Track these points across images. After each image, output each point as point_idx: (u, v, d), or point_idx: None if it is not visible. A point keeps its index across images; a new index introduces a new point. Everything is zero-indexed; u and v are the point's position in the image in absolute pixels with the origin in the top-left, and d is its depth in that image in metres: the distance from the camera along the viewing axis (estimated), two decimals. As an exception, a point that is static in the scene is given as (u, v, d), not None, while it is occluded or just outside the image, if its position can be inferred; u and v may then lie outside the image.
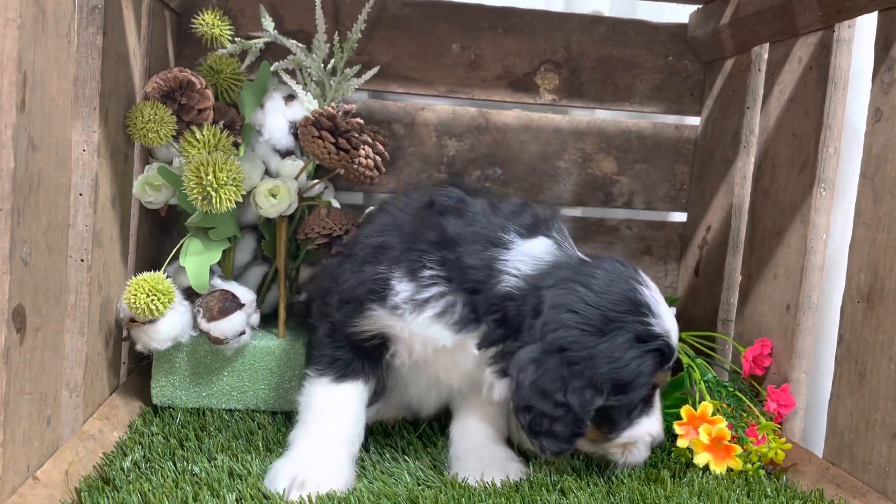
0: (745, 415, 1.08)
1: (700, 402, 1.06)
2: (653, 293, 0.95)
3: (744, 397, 1.11)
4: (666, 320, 0.94)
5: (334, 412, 0.98)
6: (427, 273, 0.94)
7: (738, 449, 1.01)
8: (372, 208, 1.31)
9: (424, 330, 0.95)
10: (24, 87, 0.72)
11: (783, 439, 1.05)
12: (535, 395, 0.90)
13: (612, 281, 0.93)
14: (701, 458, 1.01)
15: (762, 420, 1.06)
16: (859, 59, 1.10)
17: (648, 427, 0.97)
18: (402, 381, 1.08)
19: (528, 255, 0.95)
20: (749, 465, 1.01)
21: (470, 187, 1.15)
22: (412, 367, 1.03)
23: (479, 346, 0.95)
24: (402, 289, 0.95)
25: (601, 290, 0.91)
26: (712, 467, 1.00)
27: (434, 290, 0.94)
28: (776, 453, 1.03)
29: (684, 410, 1.04)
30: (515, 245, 0.95)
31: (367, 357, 1.01)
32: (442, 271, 0.95)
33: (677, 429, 1.04)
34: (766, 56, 1.27)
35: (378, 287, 0.96)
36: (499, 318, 0.94)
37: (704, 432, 1.01)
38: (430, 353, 0.98)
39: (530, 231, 0.97)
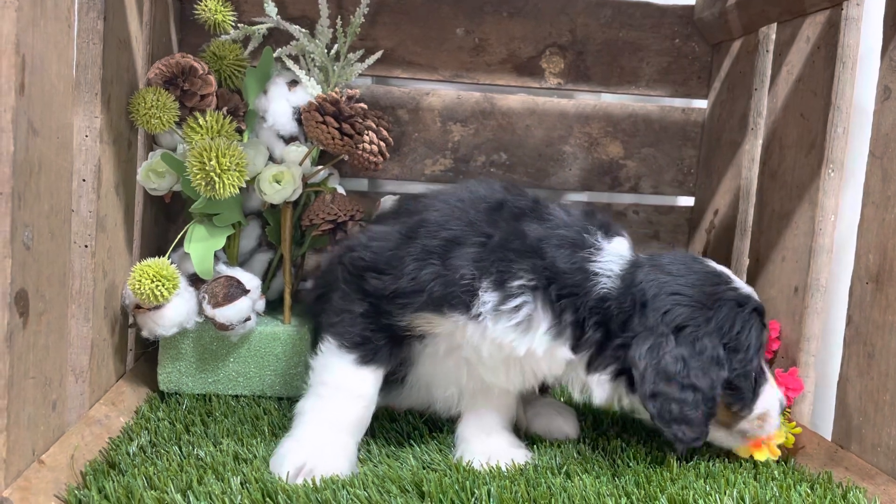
0: None
1: None
2: (718, 265, 0.98)
3: None
4: (744, 283, 0.97)
5: (351, 396, 0.95)
6: (516, 283, 0.91)
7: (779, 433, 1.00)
8: (388, 197, 1.30)
9: (505, 337, 0.91)
10: (23, 71, 0.72)
11: (793, 423, 1.04)
12: (659, 380, 0.89)
13: (685, 263, 0.96)
14: (760, 455, 1.00)
15: None
16: (868, 37, 1.08)
17: (773, 392, 0.97)
18: (423, 378, 1.04)
19: (615, 254, 0.95)
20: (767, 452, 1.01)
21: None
22: (440, 364, 1.00)
23: (576, 350, 0.93)
24: (489, 298, 0.90)
25: (686, 273, 0.94)
26: (756, 457, 0.99)
27: (522, 300, 0.91)
28: (786, 437, 1.02)
29: None
30: (603, 246, 0.95)
31: (398, 345, 0.97)
32: (531, 280, 0.91)
33: (742, 453, 1.02)
34: (773, 36, 1.26)
35: (462, 293, 0.90)
36: (598, 319, 0.92)
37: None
38: (497, 359, 0.94)
39: (607, 231, 0.97)
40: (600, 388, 0.95)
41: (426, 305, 0.92)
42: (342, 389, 0.95)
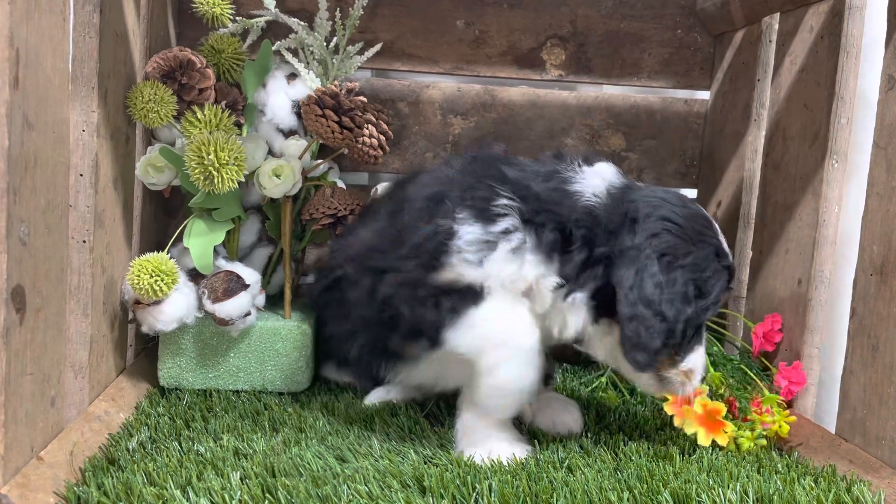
0: (750, 388, 1.07)
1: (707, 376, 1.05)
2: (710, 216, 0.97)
3: (748, 370, 1.10)
4: (725, 243, 0.96)
5: None
6: (501, 202, 0.91)
7: (731, 426, 1.00)
8: (382, 185, 1.30)
9: (503, 270, 0.91)
10: (17, 65, 0.71)
11: (786, 412, 1.03)
12: (640, 304, 0.88)
13: (686, 201, 0.95)
14: (689, 428, 1.00)
15: (766, 393, 1.05)
16: (872, 26, 1.07)
17: (703, 356, 0.97)
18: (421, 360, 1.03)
19: (598, 176, 0.95)
20: (748, 436, 1.00)
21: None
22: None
23: (562, 274, 0.92)
24: (471, 229, 0.90)
25: (680, 205, 0.94)
26: (700, 440, 0.99)
27: (508, 222, 0.90)
28: (780, 426, 1.01)
29: None
30: (582, 171, 0.95)
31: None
32: (512, 201, 0.91)
33: (668, 409, 1.02)
34: (776, 26, 1.25)
35: (445, 238, 0.91)
36: (584, 234, 0.91)
37: (699, 403, 1.00)
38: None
39: (587, 160, 0.97)
40: (576, 314, 0.93)
41: (425, 267, 0.91)
42: None
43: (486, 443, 0.97)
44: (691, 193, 1.50)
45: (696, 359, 0.96)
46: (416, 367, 1.06)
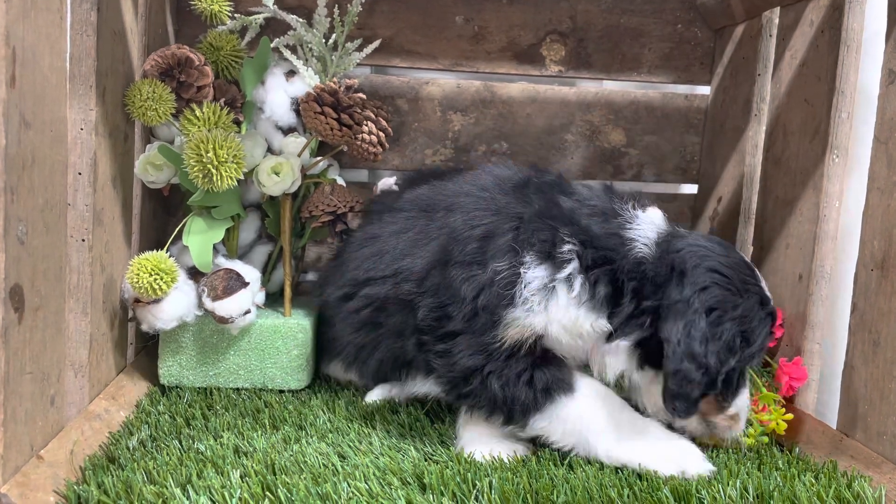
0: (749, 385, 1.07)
1: None
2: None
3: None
4: (767, 288, 0.96)
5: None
6: (565, 248, 0.92)
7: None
8: (386, 180, 1.29)
9: (568, 315, 0.92)
10: (14, 63, 0.71)
11: (783, 410, 1.03)
12: (686, 359, 0.88)
13: (724, 245, 0.95)
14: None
15: (763, 390, 1.04)
16: (872, 20, 1.06)
17: (747, 398, 0.97)
18: None
19: (651, 223, 0.96)
20: (751, 433, 1.00)
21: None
22: None
23: (611, 320, 0.92)
24: (538, 274, 0.91)
25: (724, 254, 0.93)
26: (704, 439, 0.99)
27: (572, 267, 0.92)
28: (777, 424, 1.01)
29: None
30: (637, 215, 0.96)
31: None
32: (575, 246, 0.92)
33: None
34: (776, 20, 1.24)
35: (506, 287, 0.92)
36: (635, 286, 0.91)
37: None
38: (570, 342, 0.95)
39: (638, 201, 0.98)
40: (616, 358, 0.94)
41: (488, 327, 0.92)
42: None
43: (487, 440, 0.97)
44: (692, 189, 1.50)
45: (741, 402, 0.96)
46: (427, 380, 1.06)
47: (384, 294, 1.03)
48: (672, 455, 0.89)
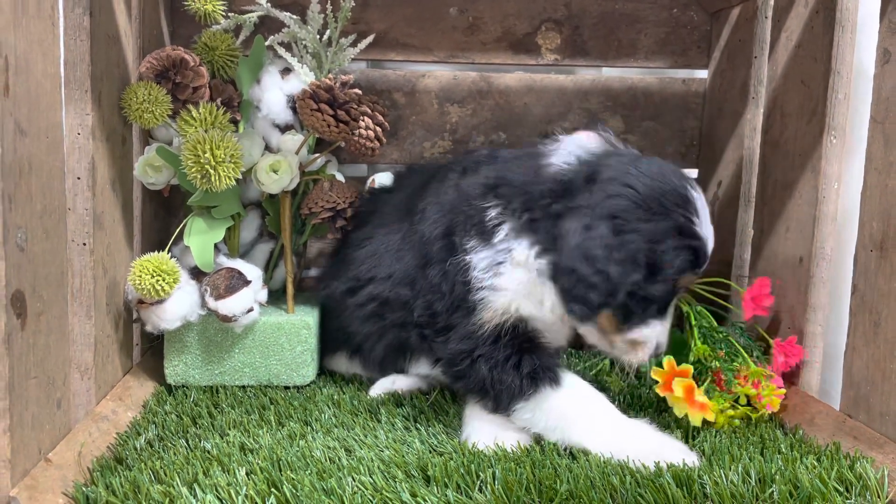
0: (739, 361, 1.07)
1: (694, 348, 1.06)
2: (700, 198, 0.96)
3: (735, 342, 1.10)
4: (706, 226, 0.95)
5: None
6: (493, 213, 0.98)
7: (714, 405, 1.00)
8: (380, 174, 1.31)
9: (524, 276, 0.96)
10: (7, 72, 0.72)
11: (773, 386, 1.03)
12: (580, 258, 0.89)
13: (666, 174, 0.94)
14: (679, 411, 1.00)
15: (752, 366, 1.05)
16: (867, 0, 1.06)
17: (659, 332, 0.98)
18: None
19: (574, 144, 0.98)
20: (731, 412, 1.01)
21: None
22: None
23: (536, 237, 0.95)
24: (483, 255, 0.98)
25: (656, 178, 0.93)
26: (693, 421, 0.99)
27: (504, 230, 0.97)
28: (770, 400, 1.02)
29: (665, 360, 1.03)
30: (560, 142, 0.99)
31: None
32: (500, 205, 0.97)
33: (655, 376, 1.03)
34: (772, 2, 1.23)
35: (463, 269, 1.00)
36: (549, 201, 0.94)
37: (679, 386, 1.00)
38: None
39: (573, 130, 1.02)
40: (543, 276, 0.95)
41: (468, 314, 0.99)
42: None
43: (491, 429, 0.98)
44: (692, 173, 1.49)
45: (648, 333, 0.96)
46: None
47: (385, 293, 1.12)
48: (651, 449, 0.89)
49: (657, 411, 1.08)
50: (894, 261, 0.93)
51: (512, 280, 0.96)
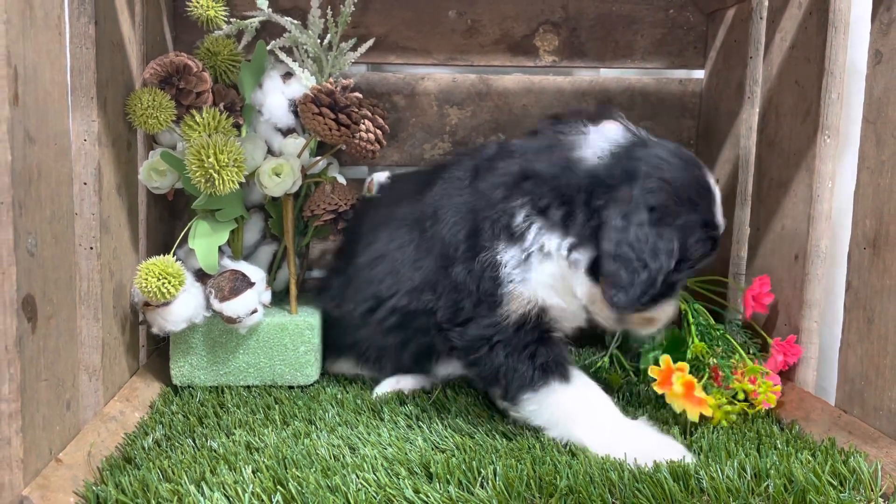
0: (736, 357, 1.09)
1: (692, 345, 1.08)
2: (715, 185, 1.01)
3: (732, 339, 1.11)
4: (721, 215, 1.00)
5: None
6: (521, 217, 1.00)
7: (712, 400, 1.02)
8: (378, 174, 1.32)
9: (559, 276, 1.00)
10: (16, 82, 0.74)
11: (770, 382, 1.05)
12: (628, 253, 0.93)
13: (690, 164, 0.99)
14: (677, 407, 1.02)
15: (749, 363, 1.06)
16: (860, 1, 1.07)
17: (671, 309, 1.04)
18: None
19: (603, 136, 1.00)
20: (728, 408, 1.02)
21: None
22: None
23: (571, 232, 0.97)
24: (512, 254, 1.01)
25: (685, 169, 0.97)
26: (690, 417, 1.01)
27: (535, 230, 0.99)
28: (767, 397, 1.03)
29: (663, 359, 1.05)
30: (586, 133, 1.00)
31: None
32: (528, 204, 0.99)
33: (652, 373, 1.05)
34: (766, 3, 1.25)
35: (492, 265, 1.03)
36: (586, 197, 0.96)
37: (678, 382, 1.02)
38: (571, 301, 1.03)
39: (594, 119, 1.03)
40: (579, 274, 0.98)
41: (493, 308, 1.02)
42: None
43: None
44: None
45: (665, 312, 1.03)
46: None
47: (409, 305, 1.13)
48: (650, 448, 0.91)
49: (655, 408, 1.10)
50: (887, 258, 0.94)
51: (541, 273, 1.00)
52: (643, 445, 0.91)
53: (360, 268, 1.20)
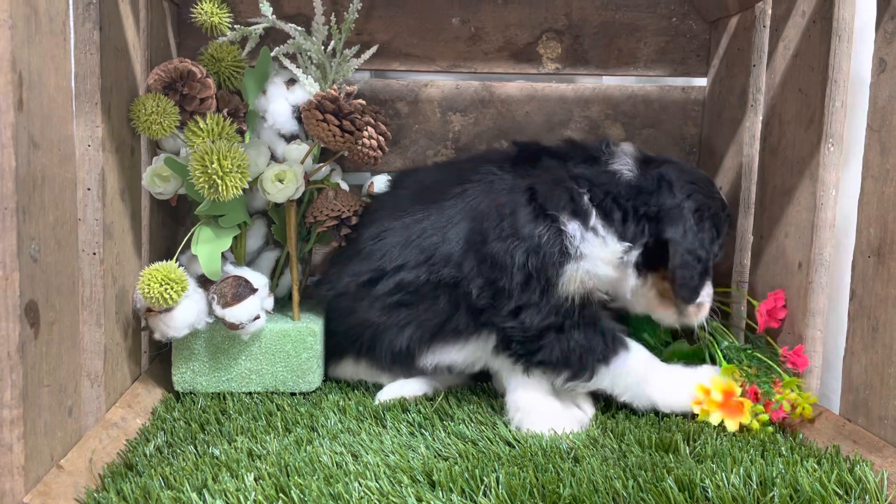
0: (768, 373, 1.09)
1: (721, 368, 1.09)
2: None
3: (764, 357, 1.12)
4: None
5: None
6: (585, 199, 1.10)
7: (749, 403, 1.03)
8: (380, 177, 1.32)
9: (614, 255, 1.10)
10: (21, 87, 0.74)
11: (808, 394, 1.05)
12: (687, 254, 1.07)
13: (693, 168, 1.18)
14: (715, 418, 1.03)
15: (786, 377, 1.06)
16: (864, 10, 1.07)
17: (710, 288, 1.14)
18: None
19: (627, 154, 1.15)
20: (764, 416, 1.03)
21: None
22: None
23: (626, 235, 1.09)
24: (575, 227, 1.09)
25: (694, 170, 1.17)
26: (727, 425, 1.01)
27: (594, 215, 1.10)
28: (804, 408, 1.04)
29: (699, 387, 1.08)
30: (615, 151, 1.14)
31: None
32: (587, 192, 1.10)
33: (695, 406, 1.07)
34: (769, 11, 1.25)
35: (552, 240, 1.09)
36: (634, 203, 1.09)
37: (717, 390, 1.04)
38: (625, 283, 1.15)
39: (611, 142, 1.17)
40: (628, 271, 1.10)
41: (545, 290, 1.06)
42: None
43: (546, 407, 1.08)
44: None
45: (708, 294, 1.14)
46: (464, 348, 1.15)
47: (419, 279, 1.13)
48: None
49: (660, 416, 1.09)
50: (891, 267, 0.94)
51: (602, 250, 1.08)
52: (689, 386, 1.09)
53: (363, 242, 1.19)
